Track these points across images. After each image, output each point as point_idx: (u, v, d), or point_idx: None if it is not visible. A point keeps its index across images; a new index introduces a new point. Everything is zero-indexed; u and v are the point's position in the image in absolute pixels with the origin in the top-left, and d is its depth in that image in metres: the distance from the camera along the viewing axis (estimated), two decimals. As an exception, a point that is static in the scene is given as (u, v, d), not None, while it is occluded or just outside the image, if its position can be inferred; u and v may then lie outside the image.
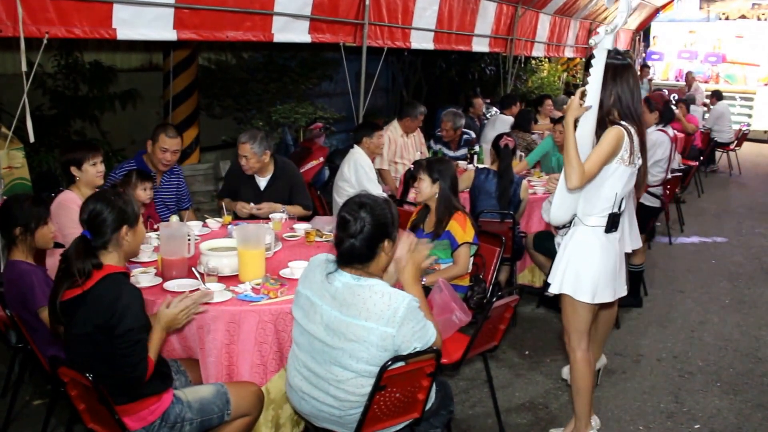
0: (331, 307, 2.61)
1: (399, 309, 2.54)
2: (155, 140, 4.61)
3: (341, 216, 2.67)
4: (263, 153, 4.67)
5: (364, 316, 2.54)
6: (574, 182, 3.18)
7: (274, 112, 7.34)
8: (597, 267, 3.39)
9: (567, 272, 3.42)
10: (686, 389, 4.40)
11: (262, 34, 5.38)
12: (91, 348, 2.57)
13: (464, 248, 4.09)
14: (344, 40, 6.33)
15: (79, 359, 2.62)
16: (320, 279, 2.68)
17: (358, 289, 2.59)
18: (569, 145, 3.20)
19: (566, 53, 12.76)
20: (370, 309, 2.54)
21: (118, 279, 2.62)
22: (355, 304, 2.56)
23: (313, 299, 2.67)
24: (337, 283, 2.63)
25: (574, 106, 3.26)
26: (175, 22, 4.66)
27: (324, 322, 2.61)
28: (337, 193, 5.75)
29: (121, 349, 2.53)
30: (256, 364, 3.13)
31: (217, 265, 3.42)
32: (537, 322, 5.36)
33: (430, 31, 7.65)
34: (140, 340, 2.59)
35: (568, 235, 3.50)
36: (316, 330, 2.64)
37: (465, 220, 4.12)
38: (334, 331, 2.58)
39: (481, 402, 4.14)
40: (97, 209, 2.66)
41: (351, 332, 2.55)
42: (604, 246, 3.40)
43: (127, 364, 2.55)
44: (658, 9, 16.72)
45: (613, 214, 3.36)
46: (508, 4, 9.32)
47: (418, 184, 4.14)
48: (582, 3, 11.57)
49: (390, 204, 2.77)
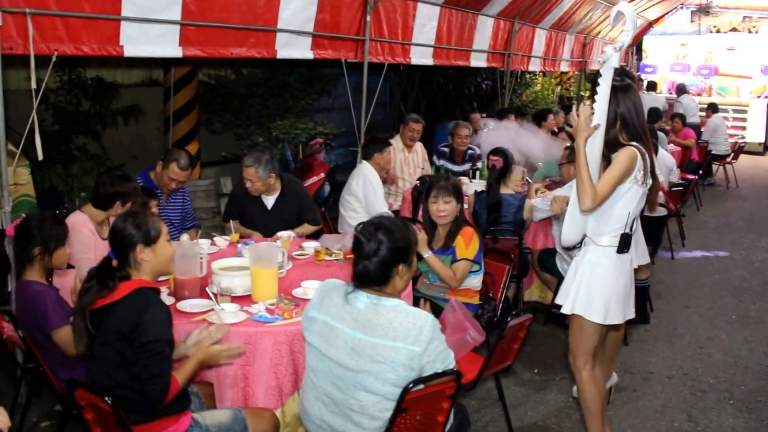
0: (353, 329, 2.57)
1: (424, 328, 2.51)
2: (166, 166, 4.59)
3: (356, 237, 2.65)
4: (269, 176, 4.66)
5: (391, 336, 2.50)
6: (587, 204, 3.18)
7: (275, 128, 7.32)
8: (609, 287, 3.38)
9: (579, 292, 3.41)
10: (699, 407, 4.38)
11: (266, 50, 5.37)
12: (115, 357, 2.57)
13: (463, 263, 4.05)
14: (346, 56, 6.33)
15: (102, 370, 2.61)
16: (339, 302, 2.64)
17: (382, 309, 2.56)
18: (582, 167, 3.20)
19: (562, 67, 12.82)
20: (396, 328, 2.51)
21: (148, 293, 2.64)
22: (381, 324, 2.53)
23: (333, 323, 2.62)
24: (359, 304, 2.60)
25: (583, 126, 3.24)
26: (181, 39, 4.64)
27: (348, 346, 2.56)
28: (343, 207, 5.73)
29: (142, 360, 2.53)
30: (272, 387, 3.08)
31: (230, 285, 3.38)
32: (545, 339, 5.33)
33: (430, 46, 7.66)
34: (162, 353, 2.57)
35: (580, 256, 3.49)
36: (338, 355, 2.58)
37: (471, 236, 4.09)
38: (359, 354, 2.54)
39: (493, 421, 4.10)
40: (114, 229, 2.72)
41: (378, 353, 2.51)
42: (616, 266, 3.38)
43: (149, 375, 2.54)
44: (651, 23, 16.83)
45: (626, 234, 3.34)
46: (505, 19, 9.35)
47: (446, 206, 4.09)
48: (577, 18, 11.64)
49: (409, 228, 2.74)
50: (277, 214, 4.74)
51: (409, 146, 6.99)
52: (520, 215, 5.24)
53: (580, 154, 3.22)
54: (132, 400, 2.58)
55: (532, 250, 5.55)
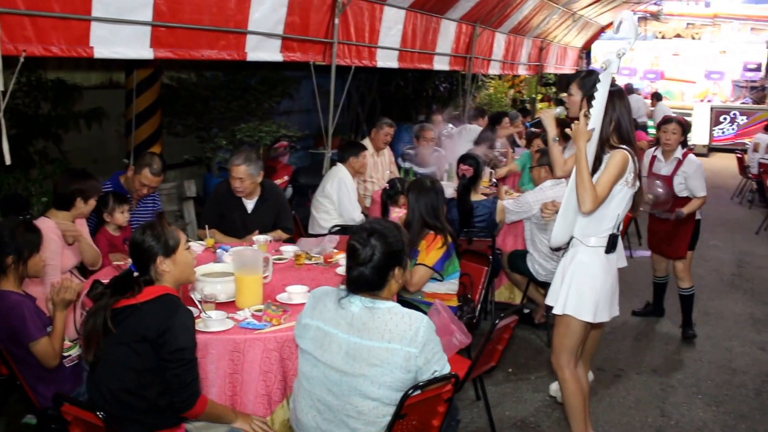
0: (348, 334, 2.55)
1: (420, 329, 2.52)
2: (138, 171, 4.49)
3: (350, 244, 2.63)
4: (258, 174, 4.60)
5: (387, 338, 2.50)
6: (588, 206, 3.23)
7: (239, 131, 7.23)
8: (598, 287, 3.44)
9: (570, 293, 3.46)
10: (670, 403, 4.48)
11: (236, 52, 5.29)
12: (131, 358, 2.56)
13: (421, 269, 4.03)
14: (314, 59, 6.28)
15: (112, 372, 2.59)
16: (332, 308, 2.62)
17: (377, 312, 2.55)
18: (583, 170, 3.25)
19: (520, 71, 12.98)
20: (393, 330, 2.50)
21: (175, 299, 2.65)
22: (376, 327, 2.52)
23: (327, 329, 2.60)
24: (353, 308, 2.58)
25: (583, 131, 3.29)
26: (152, 40, 4.53)
27: (343, 351, 2.54)
28: (315, 208, 5.70)
29: (173, 368, 2.55)
30: (261, 395, 3.04)
31: (213, 292, 3.32)
32: (517, 339, 5.37)
33: (395, 50, 7.66)
34: (193, 360, 2.62)
35: (568, 257, 3.54)
36: (333, 360, 2.56)
37: (433, 242, 4.06)
38: (355, 357, 2.52)
39: (473, 422, 4.12)
40: (134, 242, 2.72)
41: (374, 356, 2.50)
42: (604, 266, 3.45)
43: (180, 383, 2.57)
44: (603, 28, 17.17)
45: (613, 234, 3.41)
46: (467, 23, 9.42)
47: (402, 206, 4.14)
48: (534, 22, 11.79)
49: (401, 230, 2.73)
50: (257, 218, 4.68)
51: (380, 149, 6.98)
52: (493, 218, 5.28)
53: (581, 158, 3.27)
54: (134, 407, 2.55)
55: (502, 252, 5.60)
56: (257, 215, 4.71)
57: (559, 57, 15.43)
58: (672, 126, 5.33)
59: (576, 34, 15.65)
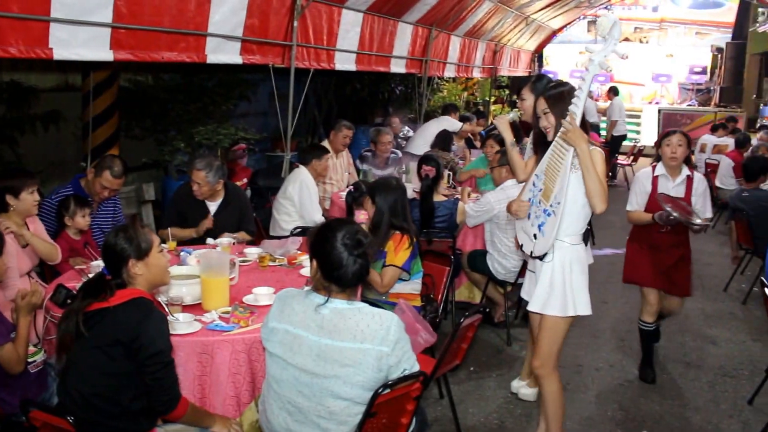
0: (319, 336, 2.57)
1: (391, 327, 2.56)
2: (98, 174, 4.45)
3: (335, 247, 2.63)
4: (217, 182, 4.61)
5: (359, 339, 2.53)
6: (602, 207, 3.27)
7: (197, 134, 7.19)
8: (585, 281, 3.55)
9: (566, 294, 3.48)
10: (628, 397, 4.61)
11: (196, 54, 5.27)
12: (104, 362, 2.54)
13: (390, 270, 4.08)
14: (273, 62, 6.29)
15: (83, 376, 2.57)
16: (301, 310, 2.63)
17: (348, 313, 2.57)
18: (592, 171, 3.25)
19: (474, 73, 13.12)
20: (364, 330, 2.53)
21: (147, 303, 2.63)
22: (348, 328, 2.54)
23: (296, 332, 2.61)
24: (323, 310, 2.59)
25: (579, 133, 3.23)
26: (112, 42, 4.49)
27: (314, 353, 2.56)
28: (277, 210, 5.71)
29: (152, 371, 2.54)
30: (230, 396, 3.04)
31: (179, 294, 3.31)
32: (477, 338, 5.43)
33: (353, 52, 7.71)
34: (172, 362, 2.62)
35: (549, 260, 3.50)
36: (303, 362, 2.57)
37: (400, 243, 4.11)
38: (326, 359, 2.54)
39: (437, 421, 4.18)
40: (107, 245, 2.69)
41: (346, 357, 2.53)
42: (585, 260, 3.56)
43: (160, 386, 2.57)
44: (555, 32, 17.48)
45: (587, 230, 3.50)
46: (424, 26, 9.51)
47: (369, 210, 4.17)
48: (489, 26, 11.95)
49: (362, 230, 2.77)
50: (220, 221, 4.68)
51: (339, 152, 7.01)
52: (454, 219, 5.36)
53: (587, 160, 3.24)
54: (106, 412, 2.53)
55: (462, 252, 5.68)
56: (220, 217, 4.72)
57: (513, 60, 15.66)
58: (676, 138, 4.58)
59: (529, 38, 15.90)
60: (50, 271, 4.21)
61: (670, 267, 4.74)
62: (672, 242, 4.70)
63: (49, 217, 4.40)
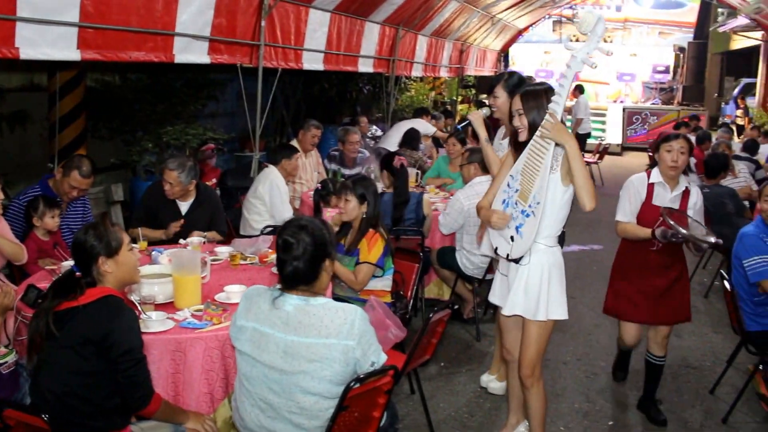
0: (284, 333, 2.61)
1: (355, 321, 2.61)
2: (66, 174, 4.43)
3: (284, 239, 2.68)
4: (189, 182, 4.62)
5: (324, 334, 2.57)
6: (593, 203, 3.15)
7: (165, 134, 7.17)
8: (563, 284, 3.45)
9: (543, 298, 3.38)
10: (594, 389, 4.72)
11: (164, 54, 5.27)
12: (75, 362, 2.54)
13: (364, 266, 4.12)
14: (241, 61, 6.31)
15: (55, 376, 2.57)
16: (267, 308, 2.68)
17: (311, 309, 2.62)
18: (584, 169, 3.17)
19: (441, 73, 13.23)
20: (329, 326, 2.58)
21: (117, 301, 2.63)
22: (312, 324, 2.59)
23: (263, 329, 2.65)
24: (288, 307, 2.64)
25: (564, 129, 3.17)
26: (79, 41, 4.48)
27: (281, 350, 2.61)
28: (247, 210, 5.73)
29: (124, 369, 2.55)
30: (203, 393, 3.07)
31: (151, 293, 3.33)
32: (446, 334, 5.50)
33: (321, 52, 7.75)
34: (143, 359, 2.63)
35: (527, 263, 3.39)
36: (271, 360, 2.62)
37: (375, 240, 4.16)
38: (293, 355, 2.59)
39: (408, 416, 4.24)
40: (76, 242, 2.69)
41: (312, 352, 2.57)
42: (561, 264, 3.46)
43: (132, 383, 2.58)
44: (521, 31, 17.67)
45: (563, 233, 3.49)
46: (391, 26, 9.57)
47: (345, 205, 4.18)
48: (455, 25, 12.06)
49: (326, 225, 2.82)
50: (191, 221, 4.68)
51: (308, 151, 7.04)
52: (421, 211, 5.44)
53: (577, 157, 3.16)
54: (79, 410, 2.54)
55: (431, 249, 5.75)
56: (190, 218, 4.72)
57: (479, 59, 15.80)
58: (678, 144, 4.02)
59: (495, 37, 16.06)
60: (19, 273, 4.19)
61: (663, 292, 4.15)
62: (665, 263, 4.14)
63: (17, 218, 4.37)
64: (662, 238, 3.88)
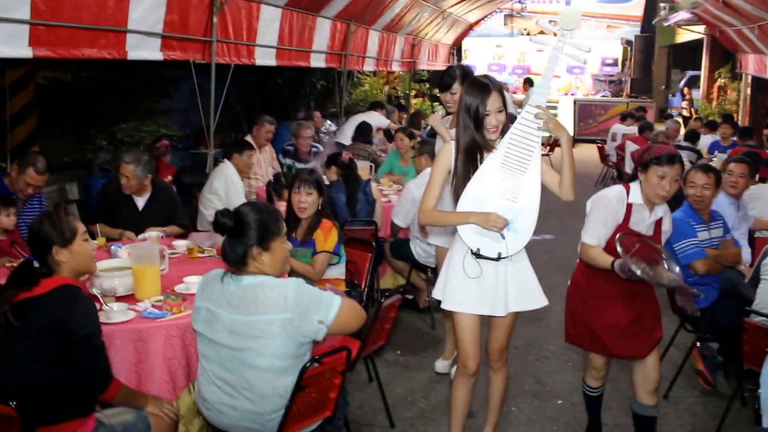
0: (229, 312, 2.74)
1: (288, 293, 2.70)
2: (22, 170, 4.45)
3: (217, 220, 2.79)
4: (145, 176, 4.67)
5: (262, 311, 2.69)
6: (573, 196, 3.30)
7: (119, 131, 7.17)
8: None
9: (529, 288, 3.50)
10: (544, 371, 4.91)
11: (117, 51, 5.29)
12: (36, 351, 2.60)
13: (322, 256, 4.22)
14: (194, 58, 6.34)
15: (16, 366, 2.63)
16: (218, 289, 2.81)
17: (249, 288, 2.74)
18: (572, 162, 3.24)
19: (394, 67, 13.36)
20: (266, 303, 2.70)
21: (73, 289, 2.69)
22: (250, 302, 2.71)
23: (213, 309, 2.78)
24: (232, 287, 2.77)
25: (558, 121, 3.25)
26: (31, 39, 4.48)
27: (227, 328, 2.73)
28: (204, 206, 5.79)
29: (84, 354, 2.63)
30: (166, 381, 3.16)
31: (112, 286, 3.40)
32: (402, 323, 5.66)
33: (273, 47, 7.80)
34: (103, 345, 2.70)
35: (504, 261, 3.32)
36: (221, 337, 2.75)
37: (330, 229, 4.26)
38: (238, 333, 2.72)
39: (367, 401, 4.37)
40: (31, 231, 2.74)
41: (254, 329, 2.69)
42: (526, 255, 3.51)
43: (94, 368, 2.67)
44: (472, 25, 17.87)
45: None
46: (342, 21, 9.66)
47: (307, 198, 4.21)
48: (406, 20, 12.19)
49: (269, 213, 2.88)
50: (148, 216, 4.74)
51: (262, 146, 7.11)
52: (372, 196, 5.59)
53: (570, 148, 3.23)
54: (44, 399, 2.59)
55: (385, 239, 5.88)
56: (148, 213, 4.78)
57: (431, 53, 15.96)
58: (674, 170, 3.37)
59: (446, 32, 16.24)
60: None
61: (632, 322, 3.55)
62: (633, 291, 3.57)
63: (-28, 217, 4.36)
64: (621, 273, 3.31)
